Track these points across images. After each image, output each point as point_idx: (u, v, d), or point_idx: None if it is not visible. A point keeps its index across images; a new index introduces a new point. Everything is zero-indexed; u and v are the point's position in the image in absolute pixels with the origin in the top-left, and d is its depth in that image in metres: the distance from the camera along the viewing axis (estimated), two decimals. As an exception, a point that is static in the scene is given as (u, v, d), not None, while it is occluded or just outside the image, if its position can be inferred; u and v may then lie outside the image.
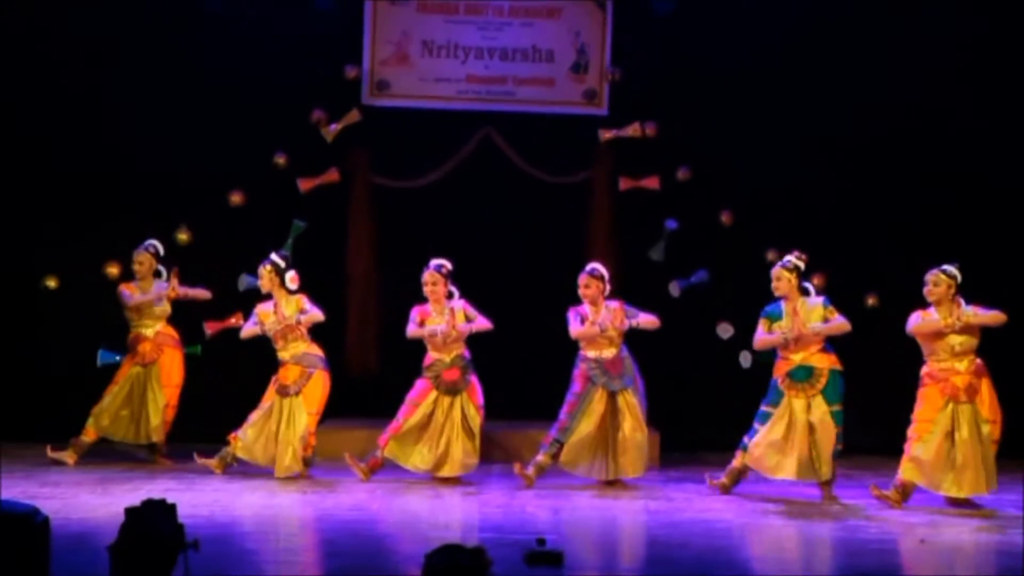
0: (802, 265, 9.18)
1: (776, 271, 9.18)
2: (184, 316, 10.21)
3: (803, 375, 9.02)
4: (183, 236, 10.62)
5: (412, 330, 9.48)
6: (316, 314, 9.57)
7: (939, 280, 8.89)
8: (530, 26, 11.45)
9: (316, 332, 9.74)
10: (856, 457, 10.09)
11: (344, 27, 11.33)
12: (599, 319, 9.35)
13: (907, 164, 11.27)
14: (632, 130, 11.14)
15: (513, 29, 11.45)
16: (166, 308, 10.19)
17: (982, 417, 8.83)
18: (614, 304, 9.45)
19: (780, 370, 9.09)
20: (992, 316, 8.84)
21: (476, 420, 9.44)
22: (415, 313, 9.50)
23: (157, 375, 10.11)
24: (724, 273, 10.33)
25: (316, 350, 9.64)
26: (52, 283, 10.77)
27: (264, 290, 9.62)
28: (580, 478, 9.40)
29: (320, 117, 11.06)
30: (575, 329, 9.37)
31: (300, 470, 9.44)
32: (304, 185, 11.07)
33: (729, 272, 10.47)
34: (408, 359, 9.75)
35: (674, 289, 9.94)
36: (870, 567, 7.04)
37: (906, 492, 8.81)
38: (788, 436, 8.97)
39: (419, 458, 9.38)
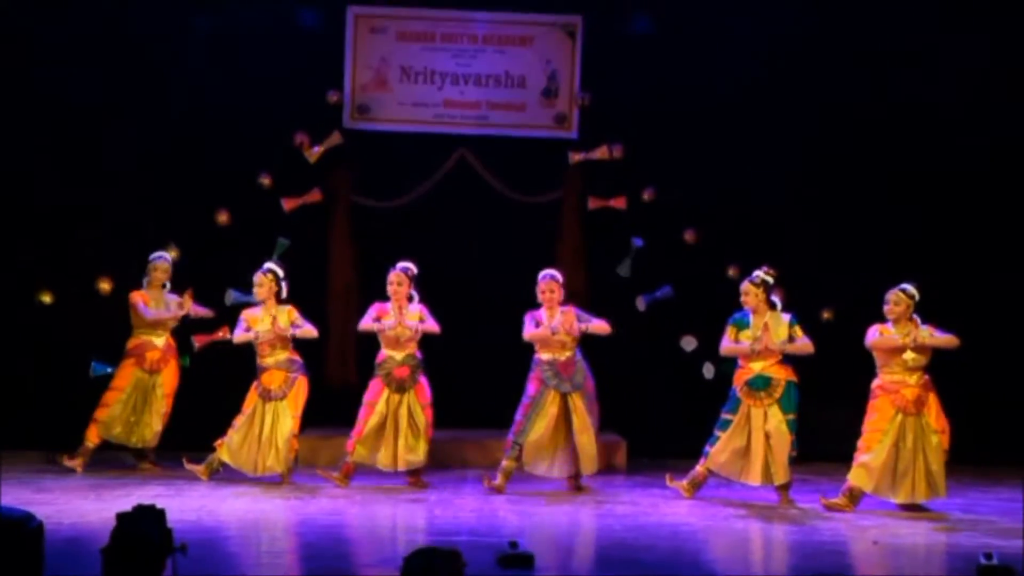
0: (770, 280, 9.23)
1: (744, 286, 9.23)
2: (171, 328, 10.17)
3: (761, 384, 9.08)
4: (172, 253, 10.61)
5: (364, 323, 9.47)
6: (310, 330, 9.58)
7: (899, 299, 8.98)
8: (503, 53, 11.51)
9: (297, 343, 9.73)
10: (813, 464, 10.17)
11: (326, 54, 11.36)
12: (553, 323, 9.32)
13: (867, 186, 11.35)
14: (600, 152, 11.20)
15: (487, 56, 11.50)
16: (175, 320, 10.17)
17: (931, 428, 8.91)
18: (567, 309, 9.42)
19: (740, 379, 9.15)
20: (946, 339, 8.96)
21: (421, 418, 9.37)
22: (373, 309, 9.48)
23: (162, 383, 10.06)
24: (688, 288, 10.39)
25: (297, 356, 9.64)
26: (47, 298, 10.76)
27: (260, 298, 9.56)
28: (551, 483, 9.42)
29: (303, 140, 11.08)
30: (528, 331, 9.37)
31: (281, 471, 9.42)
32: (288, 204, 11.08)
33: (692, 287, 10.53)
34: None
35: (640, 303, 9.99)
36: (827, 568, 7.08)
37: (854, 497, 8.88)
38: (749, 442, 9.04)
39: (385, 457, 9.37)
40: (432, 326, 9.46)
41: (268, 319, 9.52)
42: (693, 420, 10.44)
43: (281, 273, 9.58)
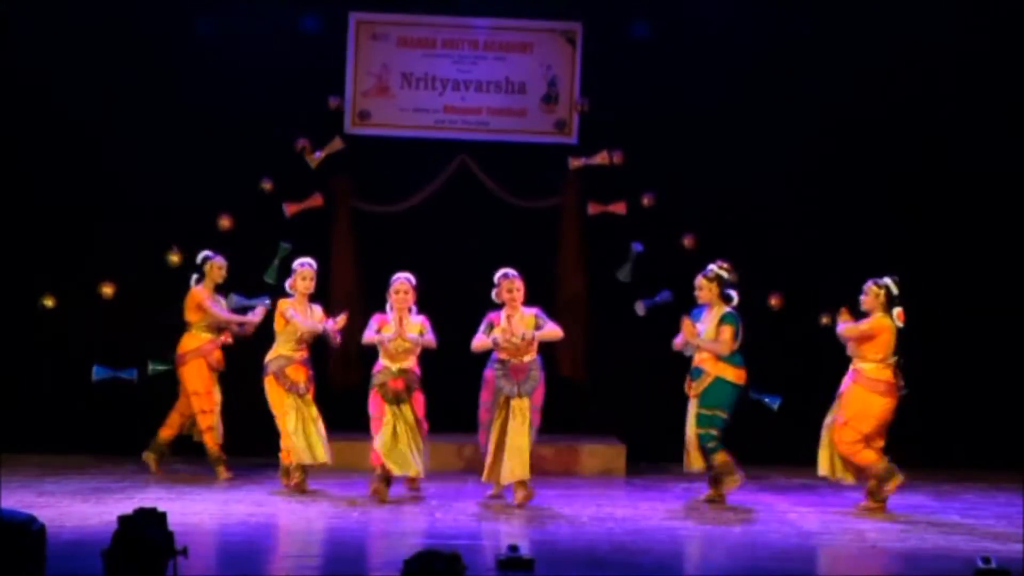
0: (725, 274, 9.21)
1: (698, 280, 9.23)
2: (173, 332, 10.14)
3: (696, 374, 9.20)
4: (175, 258, 10.63)
5: (367, 336, 9.18)
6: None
7: (868, 290, 9.03)
8: (503, 60, 11.51)
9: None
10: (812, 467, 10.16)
11: (328, 60, 11.36)
12: (493, 334, 9.03)
13: (867, 189, 11.35)
14: (600, 158, 11.21)
15: (487, 63, 11.50)
16: None
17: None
18: (529, 312, 9.14)
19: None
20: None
21: (418, 428, 9.12)
22: (375, 321, 9.23)
23: (216, 382, 9.98)
24: (687, 292, 10.37)
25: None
26: (49, 302, 10.76)
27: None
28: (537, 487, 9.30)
29: (305, 145, 11.09)
30: (474, 342, 9.11)
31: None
32: (289, 209, 11.09)
33: (691, 291, 10.51)
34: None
35: (640, 308, 9.98)
36: (824, 572, 7.07)
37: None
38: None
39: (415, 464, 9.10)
40: (430, 340, 9.18)
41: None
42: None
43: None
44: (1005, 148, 11.22)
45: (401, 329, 9.09)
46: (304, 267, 9.45)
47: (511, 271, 9.23)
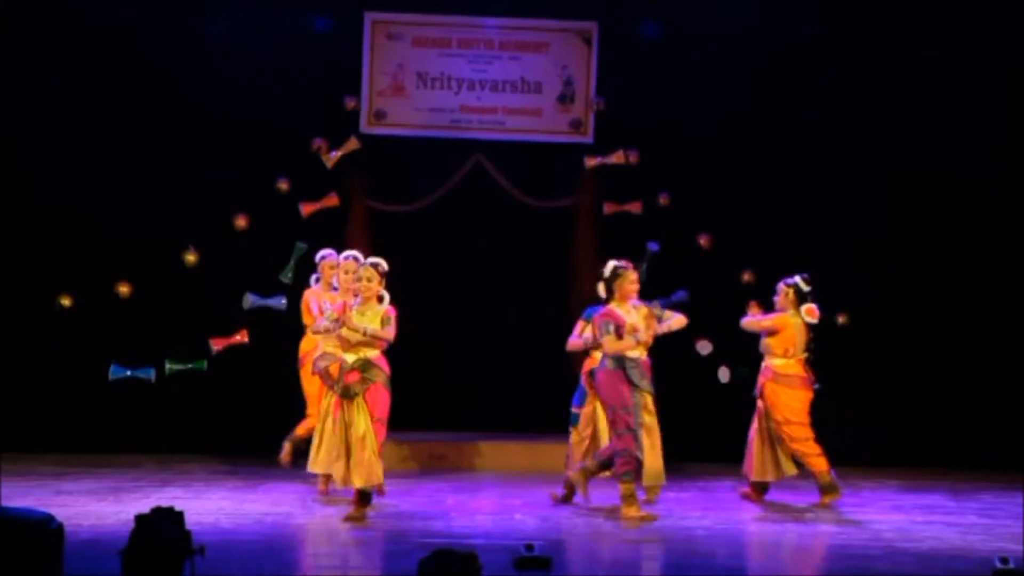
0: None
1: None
2: (189, 331, 10.16)
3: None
4: (191, 257, 10.64)
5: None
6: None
7: (779, 290, 9.17)
8: (519, 59, 11.50)
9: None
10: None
11: (343, 60, 11.36)
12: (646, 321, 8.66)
13: (884, 189, 11.32)
14: (616, 157, 11.18)
15: (503, 62, 11.49)
16: None
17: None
18: (641, 304, 8.75)
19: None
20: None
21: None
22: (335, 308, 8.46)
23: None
24: (702, 292, 10.34)
25: None
26: (66, 301, 10.77)
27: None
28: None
29: (321, 145, 11.08)
30: (615, 343, 8.45)
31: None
32: (305, 209, 11.07)
33: (707, 291, 10.49)
34: (403, 374, 9.72)
35: (655, 308, 9.94)
36: (841, 570, 7.06)
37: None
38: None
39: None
40: (378, 330, 8.25)
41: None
42: (709, 424, 10.43)
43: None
44: (1018, 145, 11.18)
45: (345, 316, 8.25)
46: (329, 258, 9.29)
47: (624, 262, 8.75)
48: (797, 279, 9.18)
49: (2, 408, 10.68)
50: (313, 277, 9.56)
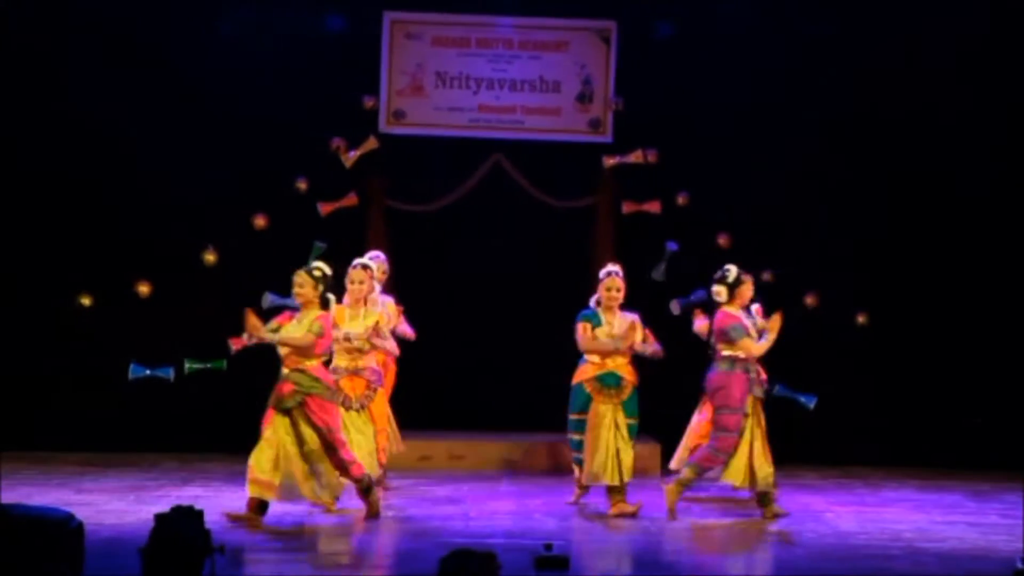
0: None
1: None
2: (208, 331, 10.17)
3: (612, 382, 8.81)
4: (210, 257, 10.67)
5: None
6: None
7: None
8: (538, 59, 11.49)
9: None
10: (848, 467, 10.11)
11: (362, 59, 11.38)
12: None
13: (900, 190, 11.27)
14: (635, 157, 11.15)
15: (522, 62, 11.48)
16: None
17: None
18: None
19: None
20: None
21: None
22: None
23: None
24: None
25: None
26: (86, 301, 10.80)
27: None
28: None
29: (339, 144, 11.09)
30: (758, 346, 8.51)
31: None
32: (324, 209, 11.09)
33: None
34: (423, 373, 9.76)
35: (675, 307, 9.93)
36: (861, 571, 7.03)
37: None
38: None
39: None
40: (294, 337, 8.01)
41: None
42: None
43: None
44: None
45: (249, 324, 8.11)
46: (352, 269, 8.95)
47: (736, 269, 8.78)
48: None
49: (24, 407, 10.74)
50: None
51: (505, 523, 8.23)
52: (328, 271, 8.23)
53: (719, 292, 8.69)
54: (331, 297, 8.17)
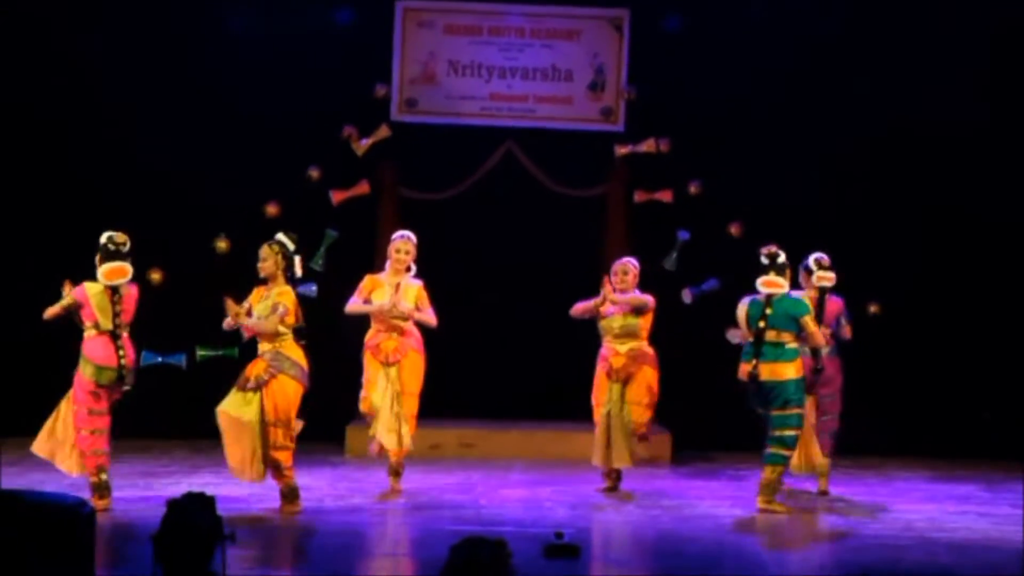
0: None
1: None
2: (220, 318, 10.15)
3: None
4: (222, 244, 10.66)
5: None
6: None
7: (627, 269, 8.98)
8: (550, 47, 11.46)
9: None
10: (860, 457, 10.10)
11: (374, 48, 11.36)
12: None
13: (910, 180, 11.24)
14: (647, 146, 11.13)
15: (534, 50, 11.46)
16: None
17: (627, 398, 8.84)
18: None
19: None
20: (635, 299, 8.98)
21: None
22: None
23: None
24: (733, 281, 10.29)
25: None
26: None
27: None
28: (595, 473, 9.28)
29: (351, 133, 11.08)
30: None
31: None
32: (336, 197, 11.09)
33: (738, 280, 10.43)
34: (434, 361, 9.72)
35: (687, 296, 9.93)
36: (875, 561, 7.02)
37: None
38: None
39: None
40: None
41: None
42: (738, 413, 10.35)
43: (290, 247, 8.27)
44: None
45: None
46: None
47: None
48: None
49: (35, 394, 10.74)
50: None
51: (516, 511, 8.23)
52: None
53: (830, 278, 8.83)
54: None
